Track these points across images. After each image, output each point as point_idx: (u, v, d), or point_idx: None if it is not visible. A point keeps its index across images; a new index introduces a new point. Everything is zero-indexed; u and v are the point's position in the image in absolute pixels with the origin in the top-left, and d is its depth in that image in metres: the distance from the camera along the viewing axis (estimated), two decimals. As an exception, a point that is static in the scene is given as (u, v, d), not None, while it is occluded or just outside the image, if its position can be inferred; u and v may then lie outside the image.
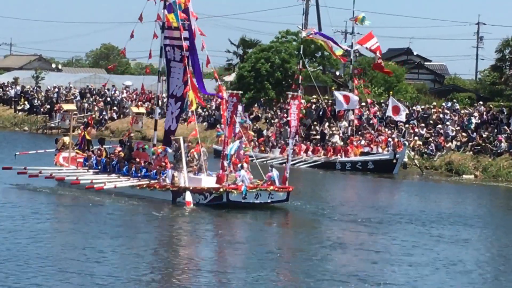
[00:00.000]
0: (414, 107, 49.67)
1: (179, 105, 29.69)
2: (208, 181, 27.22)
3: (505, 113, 44.94)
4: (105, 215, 24.53)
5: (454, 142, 44.80)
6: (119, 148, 31.10)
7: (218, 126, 51.19)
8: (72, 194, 28.35)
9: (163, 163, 28.02)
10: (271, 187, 27.12)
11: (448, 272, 18.43)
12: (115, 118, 61.75)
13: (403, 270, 18.45)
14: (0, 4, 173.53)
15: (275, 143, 47.89)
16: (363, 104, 49.00)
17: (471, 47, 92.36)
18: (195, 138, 28.49)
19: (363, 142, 45.23)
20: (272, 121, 52.23)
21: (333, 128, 47.97)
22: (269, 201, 27.12)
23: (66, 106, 55.98)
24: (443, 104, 50.46)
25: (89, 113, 62.81)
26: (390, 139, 44.76)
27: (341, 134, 46.76)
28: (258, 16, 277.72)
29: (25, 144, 44.12)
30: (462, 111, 47.87)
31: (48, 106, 63.78)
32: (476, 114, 46.52)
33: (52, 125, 60.91)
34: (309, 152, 45.69)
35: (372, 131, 46.06)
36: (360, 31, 48.87)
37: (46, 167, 31.07)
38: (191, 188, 26.85)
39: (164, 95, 32.07)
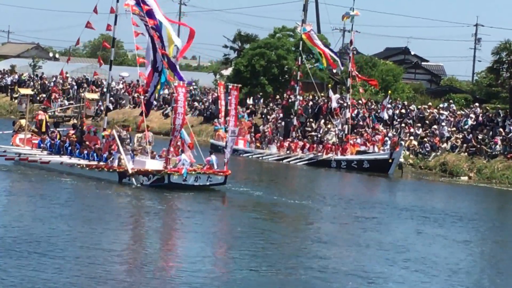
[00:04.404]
0: (410, 107, 49.77)
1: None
2: (151, 163, 28.91)
3: (501, 115, 45.11)
4: (53, 194, 25.68)
5: (449, 143, 44.94)
6: (72, 131, 32.86)
7: (215, 120, 51.23)
8: (25, 172, 30.25)
9: (112, 146, 29.70)
10: (210, 171, 28.69)
11: (434, 270, 18.56)
12: (111, 109, 61.67)
13: (387, 266, 18.62)
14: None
15: (271, 139, 47.87)
16: (359, 102, 49.08)
17: (469, 48, 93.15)
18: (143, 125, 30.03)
19: (359, 140, 45.19)
20: (269, 116, 52.22)
21: (329, 126, 47.98)
22: (207, 183, 28.78)
23: (23, 91, 56.96)
24: (440, 105, 50.57)
25: (83, 104, 62.89)
26: (387, 138, 44.78)
27: (337, 132, 46.74)
28: (257, 11, 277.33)
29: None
30: (458, 112, 47.97)
31: (44, 95, 63.75)
32: (472, 115, 46.66)
33: (49, 113, 60.83)
34: (305, 150, 45.70)
35: (369, 130, 46.09)
36: (358, 30, 49.09)
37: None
38: (135, 170, 28.51)
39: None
